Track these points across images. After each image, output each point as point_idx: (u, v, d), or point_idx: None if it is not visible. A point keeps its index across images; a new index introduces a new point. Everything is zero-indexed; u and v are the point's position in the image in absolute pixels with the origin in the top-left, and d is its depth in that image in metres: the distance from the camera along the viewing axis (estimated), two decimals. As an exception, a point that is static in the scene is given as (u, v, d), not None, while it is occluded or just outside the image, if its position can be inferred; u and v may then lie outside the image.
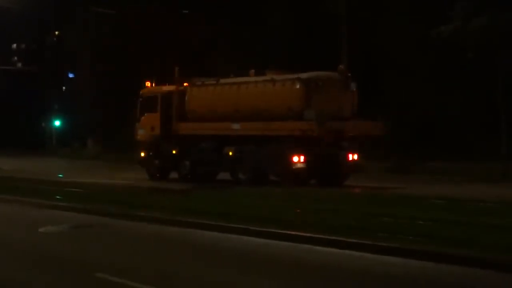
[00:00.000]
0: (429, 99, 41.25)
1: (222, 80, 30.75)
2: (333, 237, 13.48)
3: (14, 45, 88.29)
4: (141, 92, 34.13)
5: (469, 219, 15.39)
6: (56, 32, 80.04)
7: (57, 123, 71.61)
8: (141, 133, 33.78)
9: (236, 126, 28.89)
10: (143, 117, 33.60)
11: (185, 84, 31.91)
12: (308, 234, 13.90)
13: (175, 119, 31.94)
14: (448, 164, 34.04)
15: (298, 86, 27.41)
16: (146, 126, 33.22)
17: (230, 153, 29.22)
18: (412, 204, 19.79)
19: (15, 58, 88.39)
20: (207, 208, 18.54)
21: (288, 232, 14.37)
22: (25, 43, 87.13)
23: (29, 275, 11.32)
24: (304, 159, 27.09)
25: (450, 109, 40.55)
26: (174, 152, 31.92)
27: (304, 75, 27.69)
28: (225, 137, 29.48)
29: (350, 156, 28.18)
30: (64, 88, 77.78)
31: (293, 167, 27.08)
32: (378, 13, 42.24)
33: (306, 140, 27.09)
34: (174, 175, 32.39)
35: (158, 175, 32.72)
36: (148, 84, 34.20)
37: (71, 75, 75.47)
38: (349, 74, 29.04)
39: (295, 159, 27.01)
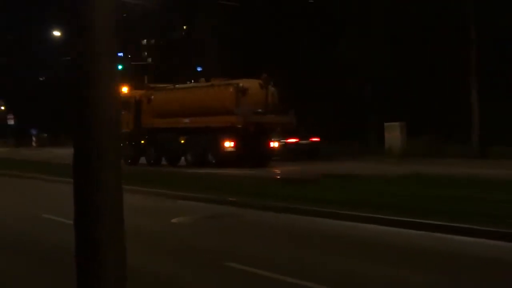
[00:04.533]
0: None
1: (178, 86, 40.56)
2: (467, 225, 13.26)
3: (144, 41, 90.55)
4: None
5: None
6: (184, 27, 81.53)
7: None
8: None
9: (186, 120, 37.17)
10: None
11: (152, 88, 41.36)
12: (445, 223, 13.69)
13: (144, 116, 40.14)
14: None
15: (230, 90, 35.70)
16: (123, 122, 41.19)
17: (182, 141, 37.71)
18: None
19: (145, 53, 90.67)
20: (336, 197, 18.45)
21: (422, 220, 14.17)
22: (154, 38, 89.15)
23: (160, 264, 11.61)
24: (234, 145, 35.41)
25: None
26: (142, 142, 40.43)
27: (234, 82, 36.24)
28: (179, 129, 37.61)
29: (271, 143, 37.42)
30: (192, 81, 79.06)
31: (225, 151, 35.46)
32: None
33: (236, 130, 35.12)
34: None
35: (129, 161, 39.71)
36: (125, 88, 43.68)
37: (199, 69, 76.70)
38: (271, 82, 36.53)
39: (226, 144, 35.43)
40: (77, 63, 3.31)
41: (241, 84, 35.82)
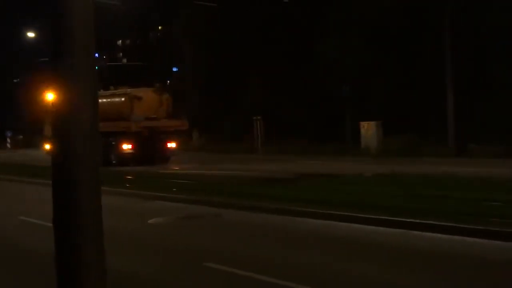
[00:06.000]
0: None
1: None
2: (448, 224, 13.21)
3: (119, 41, 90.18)
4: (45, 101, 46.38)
5: None
6: (160, 27, 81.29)
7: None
8: (46, 130, 47.49)
9: None
10: (47, 118, 44.82)
11: None
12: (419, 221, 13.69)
13: None
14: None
15: (125, 98, 40.41)
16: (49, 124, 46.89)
17: None
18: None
19: (120, 54, 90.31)
20: (315, 197, 18.38)
21: (398, 218, 14.16)
22: (129, 38, 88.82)
23: (139, 265, 11.49)
24: (131, 147, 39.50)
25: None
26: None
27: (129, 91, 41.63)
28: None
29: (168, 145, 40.77)
30: (168, 82, 79.00)
31: (123, 152, 39.48)
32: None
33: (131, 134, 39.39)
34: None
35: None
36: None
37: (175, 69, 76.55)
38: (164, 90, 42.27)
39: (124, 146, 39.57)
40: (55, 61, 3.31)
41: (134, 93, 40.70)
